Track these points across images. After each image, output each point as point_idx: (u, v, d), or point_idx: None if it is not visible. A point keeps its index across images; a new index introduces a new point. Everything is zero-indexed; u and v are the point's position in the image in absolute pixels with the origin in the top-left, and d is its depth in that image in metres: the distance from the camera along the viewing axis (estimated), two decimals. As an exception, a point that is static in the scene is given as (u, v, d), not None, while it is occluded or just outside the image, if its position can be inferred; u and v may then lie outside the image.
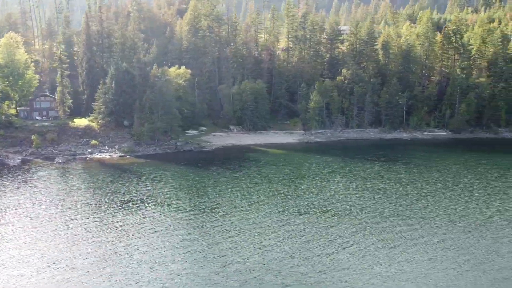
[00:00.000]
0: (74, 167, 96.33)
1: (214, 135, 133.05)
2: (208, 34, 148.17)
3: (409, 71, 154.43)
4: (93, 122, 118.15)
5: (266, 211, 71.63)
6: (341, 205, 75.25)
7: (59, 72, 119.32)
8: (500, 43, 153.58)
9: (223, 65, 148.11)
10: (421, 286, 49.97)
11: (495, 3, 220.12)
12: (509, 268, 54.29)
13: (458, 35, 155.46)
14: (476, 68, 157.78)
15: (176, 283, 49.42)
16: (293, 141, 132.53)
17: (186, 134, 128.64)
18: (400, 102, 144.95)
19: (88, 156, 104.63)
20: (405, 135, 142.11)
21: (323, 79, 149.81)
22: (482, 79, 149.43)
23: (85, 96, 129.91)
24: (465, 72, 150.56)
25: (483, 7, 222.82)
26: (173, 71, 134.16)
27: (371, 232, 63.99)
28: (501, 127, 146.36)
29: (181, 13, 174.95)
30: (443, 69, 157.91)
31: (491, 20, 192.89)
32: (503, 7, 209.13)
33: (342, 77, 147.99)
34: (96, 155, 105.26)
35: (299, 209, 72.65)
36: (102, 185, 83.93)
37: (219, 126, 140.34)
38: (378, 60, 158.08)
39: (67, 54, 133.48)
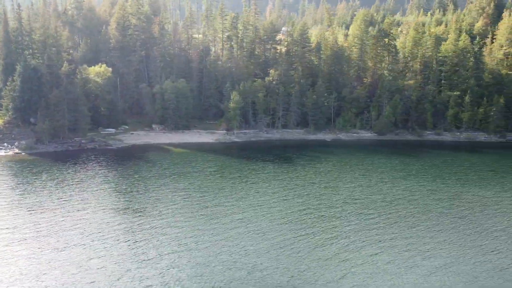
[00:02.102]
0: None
1: (132, 133, 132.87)
2: (136, 33, 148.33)
3: (340, 72, 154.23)
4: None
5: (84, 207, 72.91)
6: (164, 205, 75.87)
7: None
8: (431, 46, 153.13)
9: (152, 64, 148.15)
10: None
11: (449, 5, 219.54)
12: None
13: (390, 37, 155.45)
14: (409, 71, 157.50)
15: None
16: (211, 140, 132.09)
17: (103, 132, 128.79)
18: (326, 104, 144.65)
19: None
20: (328, 137, 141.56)
21: (255, 79, 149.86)
22: (411, 82, 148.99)
23: (2, 93, 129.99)
24: (392, 74, 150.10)
25: (438, 10, 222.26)
26: (92, 69, 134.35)
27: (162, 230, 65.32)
28: (427, 130, 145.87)
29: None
30: (377, 70, 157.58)
31: (439, 23, 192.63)
32: (455, 10, 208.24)
33: (271, 78, 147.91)
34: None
35: (121, 208, 73.64)
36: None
37: (144, 125, 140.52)
38: (312, 61, 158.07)
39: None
